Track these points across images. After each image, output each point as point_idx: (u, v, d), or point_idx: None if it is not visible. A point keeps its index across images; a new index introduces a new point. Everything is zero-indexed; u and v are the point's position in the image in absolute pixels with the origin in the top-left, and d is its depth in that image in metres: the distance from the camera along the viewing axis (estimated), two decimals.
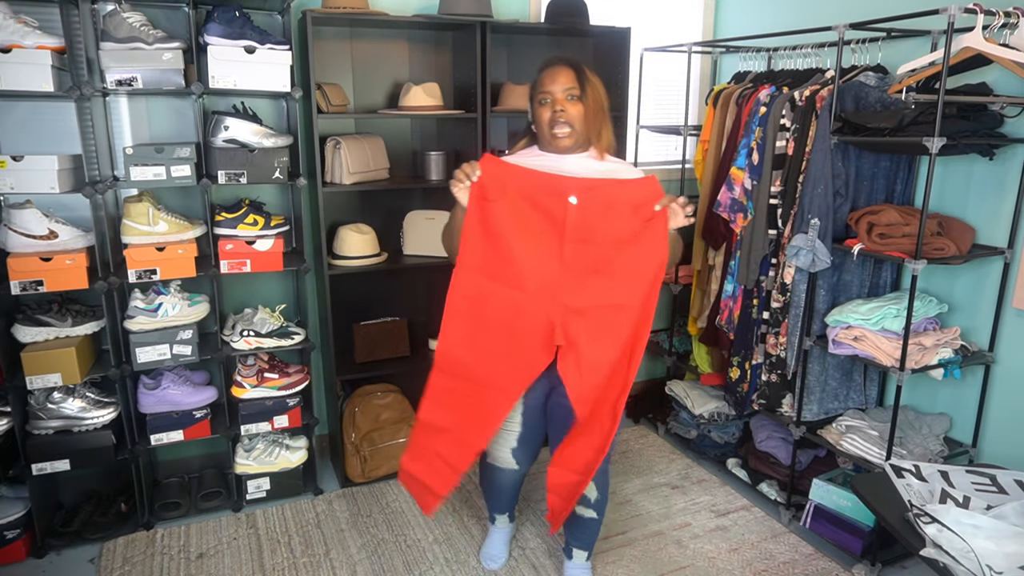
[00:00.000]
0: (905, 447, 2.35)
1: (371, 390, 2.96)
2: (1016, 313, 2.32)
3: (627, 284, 1.80)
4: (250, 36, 2.39)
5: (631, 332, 1.82)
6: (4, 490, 2.48)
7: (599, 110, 1.92)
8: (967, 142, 2.12)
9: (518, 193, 1.80)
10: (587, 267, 1.80)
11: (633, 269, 1.79)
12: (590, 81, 1.90)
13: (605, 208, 1.77)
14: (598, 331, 1.82)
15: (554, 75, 1.87)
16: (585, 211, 1.77)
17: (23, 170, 2.20)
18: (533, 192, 1.80)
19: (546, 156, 1.95)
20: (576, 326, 1.82)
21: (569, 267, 1.80)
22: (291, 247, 2.79)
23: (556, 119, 1.87)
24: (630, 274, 1.79)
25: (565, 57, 1.92)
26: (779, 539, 2.56)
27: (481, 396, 1.91)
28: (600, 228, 1.78)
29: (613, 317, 1.81)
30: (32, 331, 2.35)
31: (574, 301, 1.81)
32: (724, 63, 3.42)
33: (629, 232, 1.77)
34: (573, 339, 1.82)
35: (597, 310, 1.81)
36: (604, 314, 1.81)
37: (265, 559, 2.44)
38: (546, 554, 2.47)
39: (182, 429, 2.58)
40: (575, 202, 1.77)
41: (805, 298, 2.46)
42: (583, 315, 1.81)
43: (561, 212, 1.78)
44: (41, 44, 2.16)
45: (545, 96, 1.88)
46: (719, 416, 3.08)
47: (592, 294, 1.80)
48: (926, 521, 1.71)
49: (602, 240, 1.78)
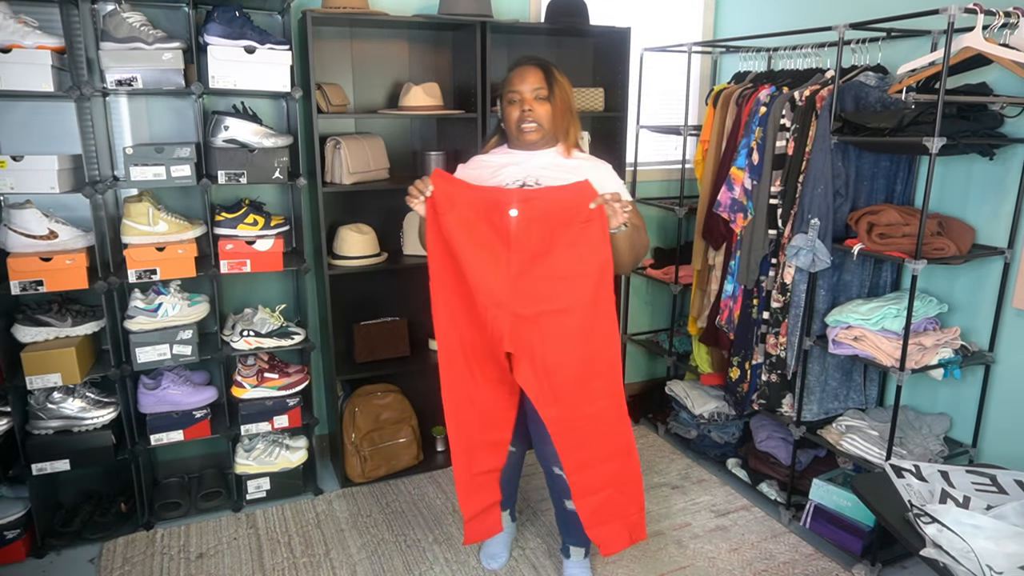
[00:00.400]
0: (905, 447, 2.35)
1: (371, 390, 2.96)
2: (1016, 313, 2.32)
3: (571, 287, 1.84)
4: (250, 36, 2.39)
5: (583, 333, 1.86)
6: (4, 490, 2.48)
7: (566, 109, 1.98)
8: (967, 142, 2.12)
9: (466, 206, 1.85)
10: (533, 274, 1.85)
11: (575, 272, 1.83)
12: (558, 81, 1.96)
13: (543, 217, 1.82)
14: (549, 335, 1.86)
15: (523, 75, 1.94)
16: (525, 221, 1.82)
17: (23, 170, 2.20)
18: (478, 206, 1.85)
19: (516, 153, 2.02)
20: (527, 332, 1.86)
21: (516, 275, 1.85)
22: (291, 247, 2.80)
23: (524, 117, 1.93)
24: (573, 277, 1.83)
25: (534, 57, 1.99)
26: (779, 539, 2.56)
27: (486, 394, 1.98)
28: (541, 236, 1.83)
29: (561, 320, 1.85)
30: (32, 331, 2.35)
31: (523, 308, 1.85)
32: (724, 63, 3.42)
33: (568, 237, 1.82)
34: (525, 345, 1.87)
35: (546, 315, 1.85)
36: (552, 318, 1.86)
37: (265, 559, 2.44)
38: (546, 554, 2.47)
39: (182, 429, 2.58)
40: (515, 214, 1.82)
41: (805, 298, 2.46)
42: (533, 321, 1.86)
43: (504, 224, 1.83)
44: (41, 44, 2.16)
45: (514, 95, 1.95)
46: (719, 416, 3.08)
47: (539, 300, 1.85)
48: (926, 521, 1.71)
49: (544, 247, 1.83)
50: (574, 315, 1.85)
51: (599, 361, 1.89)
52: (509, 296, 1.84)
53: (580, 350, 1.87)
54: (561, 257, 1.82)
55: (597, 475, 1.96)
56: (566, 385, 1.89)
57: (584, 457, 1.96)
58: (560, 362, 1.87)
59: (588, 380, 1.89)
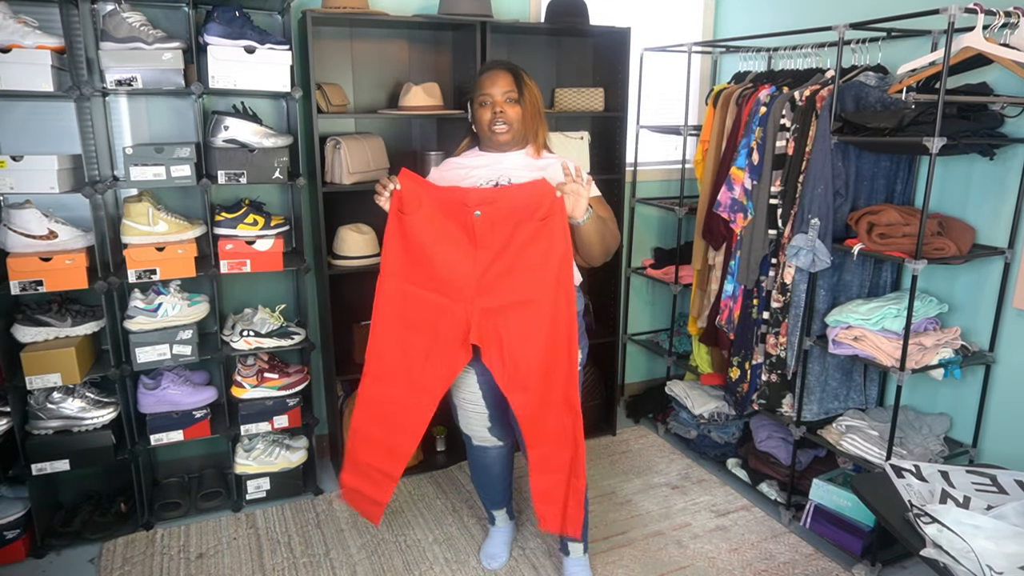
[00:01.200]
0: (905, 447, 2.35)
1: None
2: (1016, 313, 2.32)
3: (533, 280, 1.91)
4: (250, 36, 2.39)
5: (547, 323, 1.93)
6: (4, 490, 2.48)
7: (536, 112, 2.05)
8: (967, 142, 2.12)
9: (433, 206, 1.93)
10: (497, 270, 1.92)
11: (537, 264, 1.90)
12: (527, 85, 2.03)
13: (506, 216, 1.89)
14: (514, 326, 1.93)
15: (494, 79, 2.00)
16: (489, 222, 1.90)
17: (23, 170, 2.20)
18: (445, 206, 1.93)
19: (487, 155, 2.08)
20: (494, 323, 1.94)
21: (483, 271, 1.92)
22: (291, 247, 2.79)
23: (496, 119, 1.99)
24: (535, 271, 1.91)
25: (504, 62, 2.06)
26: (779, 539, 2.56)
27: (407, 400, 2.03)
28: (504, 235, 1.90)
29: (525, 312, 1.93)
30: (32, 331, 2.35)
31: (489, 302, 1.93)
32: (724, 63, 3.42)
33: (529, 233, 1.89)
34: (493, 335, 1.94)
35: (510, 307, 1.93)
36: (517, 310, 1.93)
37: (265, 559, 2.44)
38: (546, 554, 2.47)
39: (182, 429, 2.58)
40: (479, 215, 1.89)
41: (805, 298, 2.46)
42: (499, 313, 1.93)
43: (470, 224, 1.90)
44: (41, 44, 2.16)
45: (485, 98, 2.01)
46: (719, 416, 3.08)
47: (504, 293, 1.92)
48: (926, 521, 1.71)
49: (507, 245, 1.90)
50: (537, 306, 1.92)
51: (560, 351, 1.95)
52: (476, 290, 1.92)
53: (544, 339, 1.94)
54: (524, 252, 1.90)
55: (554, 458, 2.03)
56: (531, 373, 1.95)
57: (545, 438, 2.02)
58: (525, 351, 1.94)
59: (551, 369, 1.96)
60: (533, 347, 1.93)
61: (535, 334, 1.93)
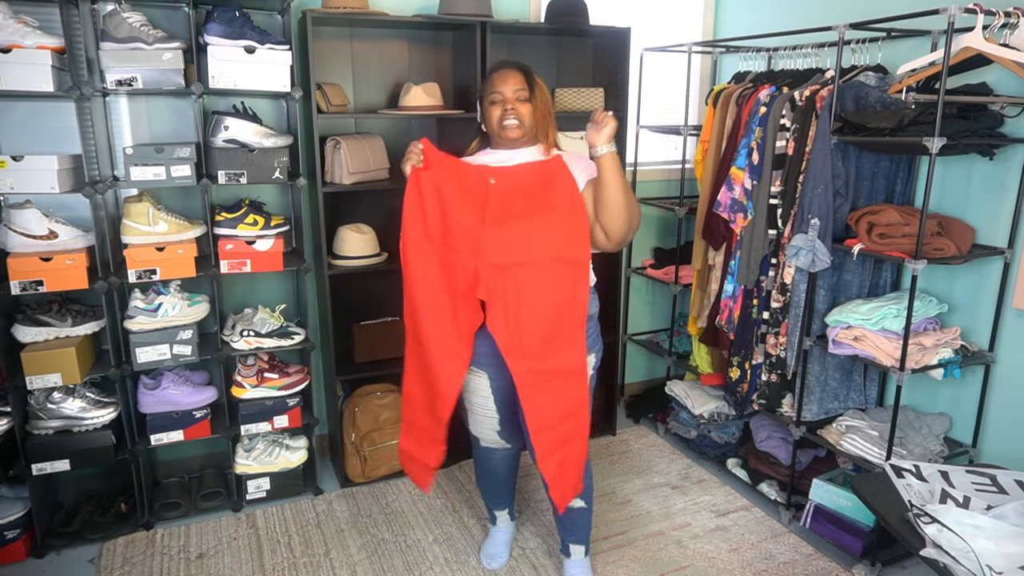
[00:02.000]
0: (905, 447, 2.35)
1: (371, 390, 2.96)
2: (1016, 313, 2.32)
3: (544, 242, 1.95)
4: (250, 36, 2.39)
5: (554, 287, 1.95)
6: (4, 490, 2.48)
7: (546, 112, 2.06)
8: (967, 142, 2.12)
9: (448, 171, 2.00)
10: (509, 229, 1.95)
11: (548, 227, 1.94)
12: (538, 84, 2.05)
13: (521, 184, 1.97)
14: (522, 285, 1.95)
15: (504, 77, 2.02)
16: (503, 190, 1.96)
17: (23, 170, 2.20)
18: (461, 173, 2.00)
19: (498, 153, 2.09)
20: (502, 281, 1.95)
21: (494, 229, 1.95)
22: (291, 247, 2.80)
23: (506, 115, 2.01)
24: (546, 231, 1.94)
25: (514, 62, 2.08)
26: (779, 539, 2.56)
27: (436, 360, 2.04)
28: (516, 203, 1.95)
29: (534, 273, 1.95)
30: (32, 331, 2.35)
31: (499, 258, 1.95)
32: (724, 63, 3.42)
33: (542, 203, 1.95)
34: (499, 293, 1.96)
35: (520, 267, 1.95)
36: (526, 270, 1.95)
37: (265, 559, 2.44)
38: (546, 554, 2.47)
39: (182, 429, 2.58)
40: (493, 182, 1.96)
41: (805, 298, 2.46)
42: (508, 271, 1.95)
43: (483, 192, 1.96)
44: (41, 44, 2.16)
45: (496, 96, 2.02)
46: (719, 416, 3.08)
47: (515, 251, 1.95)
48: (926, 521, 1.71)
49: (519, 210, 1.95)
50: (546, 269, 1.94)
51: (566, 317, 1.96)
52: (487, 246, 1.94)
53: (550, 302, 1.95)
54: (535, 216, 1.94)
55: (555, 436, 2.03)
56: (534, 335, 1.96)
57: (546, 416, 2.02)
58: (531, 312, 1.95)
59: (555, 334, 1.97)
60: (538, 310, 1.95)
61: (541, 297, 1.95)
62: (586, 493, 2.20)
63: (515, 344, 1.97)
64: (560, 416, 2.01)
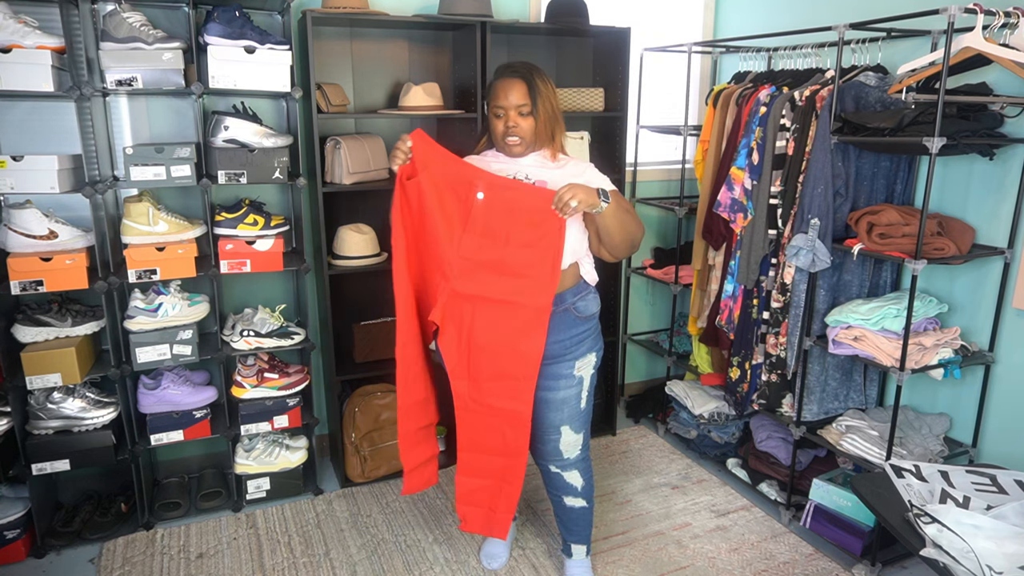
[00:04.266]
0: (905, 447, 2.35)
1: (371, 390, 2.96)
2: (1016, 313, 2.32)
3: (516, 286, 1.90)
4: (250, 36, 2.39)
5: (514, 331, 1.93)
6: (4, 490, 2.48)
7: (549, 117, 2.02)
8: (967, 142, 2.12)
9: (439, 172, 1.91)
10: (480, 259, 1.91)
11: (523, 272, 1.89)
12: (541, 93, 1.98)
13: (508, 210, 1.89)
14: (479, 319, 1.94)
15: (507, 89, 1.97)
16: (489, 208, 1.89)
17: (23, 170, 2.20)
18: (449, 177, 1.91)
19: (502, 157, 2.08)
20: (459, 308, 1.94)
21: (463, 256, 1.91)
22: (291, 247, 2.80)
23: (509, 132, 1.98)
24: (520, 277, 1.90)
25: (518, 69, 2.00)
26: (779, 539, 2.56)
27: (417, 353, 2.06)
28: (497, 227, 1.89)
29: (497, 311, 1.93)
30: (32, 331, 2.35)
31: (462, 287, 1.92)
32: (724, 63, 3.42)
33: (524, 237, 1.88)
34: (456, 318, 1.95)
35: (483, 301, 1.93)
36: (488, 306, 1.93)
37: (265, 559, 2.44)
38: (546, 554, 2.47)
39: (182, 429, 2.58)
40: (481, 197, 1.89)
41: (805, 298, 2.46)
42: (469, 301, 1.93)
43: (468, 203, 1.89)
44: (41, 44, 2.16)
45: (499, 110, 1.99)
46: (719, 416, 3.08)
47: (480, 285, 1.92)
48: (926, 521, 1.71)
49: (497, 237, 1.90)
50: (511, 312, 1.92)
51: (520, 364, 1.94)
52: (454, 271, 1.92)
53: (505, 345, 1.94)
54: (514, 254, 1.89)
55: (485, 464, 2.06)
56: (480, 369, 1.96)
57: (477, 443, 2.04)
58: (483, 347, 1.95)
59: (502, 377, 1.96)
60: (491, 347, 1.94)
61: (498, 337, 1.93)
62: (586, 492, 2.20)
63: (460, 367, 1.97)
64: (492, 449, 2.04)
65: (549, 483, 2.22)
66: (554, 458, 2.13)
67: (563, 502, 2.21)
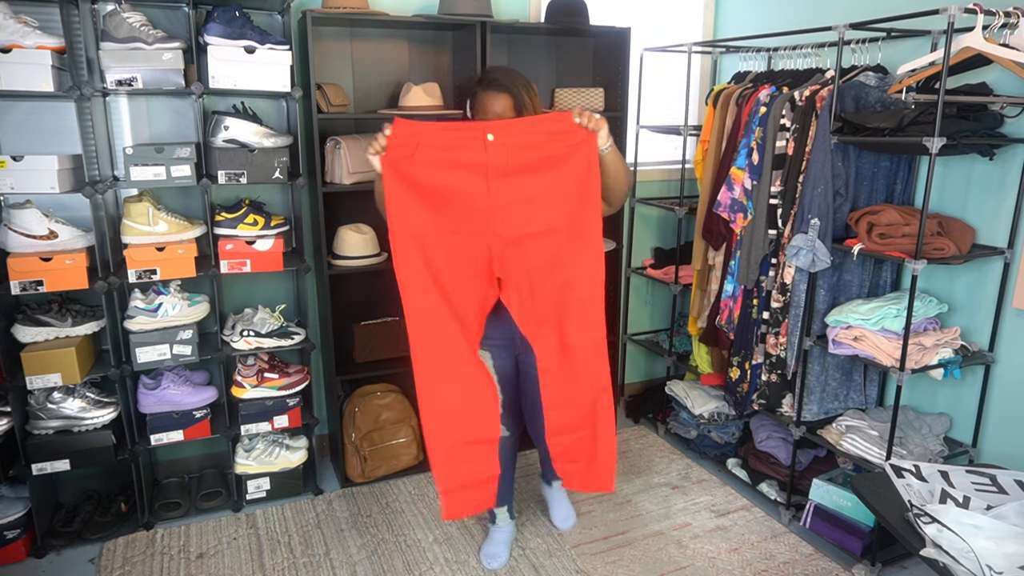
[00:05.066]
0: (905, 447, 2.35)
1: (371, 390, 2.96)
2: (1016, 313, 2.32)
3: (552, 210, 1.88)
4: (250, 36, 2.39)
5: (565, 257, 1.90)
6: (4, 490, 2.48)
7: None
8: (967, 142, 2.12)
9: (432, 147, 1.85)
10: (514, 198, 1.87)
11: (556, 194, 1.87)
12: (527, 106, 2.03)
13: (522, 141, 1.85)
14: (532, 257, 1.90)
15: (493, 103, 2.02)
16: (503, 145, 1.84)
17: (23, 170, 2.20)
18: (449, 140, 1.86)
19: None
20: (512, 256, 1.90)
21: (497, 200, 1.87)
22: (291, 247, 2.80)
23: None
24: (553, 199, 1.88)
25: (503, 83, 2.02)
26: (779, 539, 2.56)
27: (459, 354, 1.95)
28: (519, 160, 1.85)
29: (543, 243, 1.90)
30: (32, 331, 2.35)
31: (507, 232, 1.89)
32: (724, 63, 3.42)
33: (548, 159, 1.86)
34: (512, 269, 1.92)
35: (529, 238, 1.90)
36: (535, 241, 1.90)
37: (265, 559, 2.44)
38: (546, 554, 2.47)
39: (182, 429, 2.58)
40: (492, 138, 1.84)
41: (805, 298, 2.46)
42: (518, 244, 1.90)
43: (481, 151, 1.84)
44: (41, 44, 2.16)
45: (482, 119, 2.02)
46: (719, 416, 3.08)
47: (522, 223, 1.89)
48: (926, 521, 1.71)
49: (523, 170, 1.86)
50: (555, 238, 1.89)
51: (581, 289, 1.92)
52: (493, 221, 1.88)
53: (562, 274, 1.91)
54: (541, 180, 1.86)
55: (574, 415, 2.01)
56: (548, 309, 1.93)
57: (563, 394, 1.99)
58: (543, 285, 1.91)
59: (568, 308, 1.93)
60: (549, 282, 1.90)
61: (552, 268, 1.89)
62: None
63: (529, 318, 1.93)
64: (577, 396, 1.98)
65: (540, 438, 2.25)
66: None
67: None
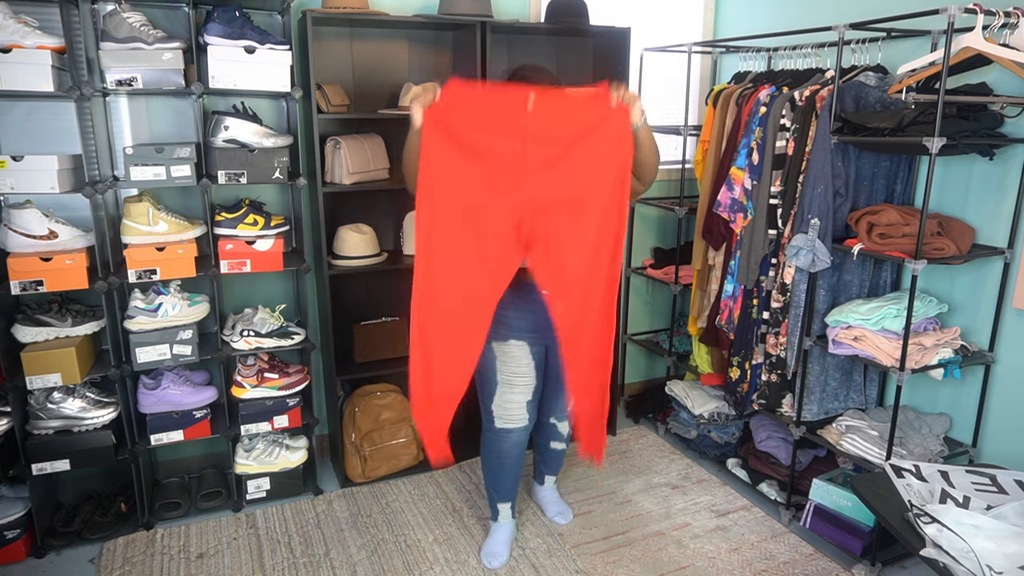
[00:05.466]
0: (905, 447, 2.35)
1: (371, 390, 2.96)
2: (1016, 313, 2.32)
3: (588, 179, 1.91)
4: (250, 36, 2.39)
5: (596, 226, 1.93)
6: (4, 490, 2.48)
7: None
8: (967, 142, 2.12)
9: (477, 106, 1.90)
10: (549, 164, 1.90)
11: (593, 164, 1.90)
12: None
13: (561, 109, 1.89)
14: (563, 225, 1.93)
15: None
16: (543, 113, 1.87)
17: (23, 170, 2.20)
18: (492, 104, 1.90)
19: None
20: (543, 222, 1.92)
21: (532, 164, 1.89)
22: (291, 247, 2.80)
23: None
24: (591, 169, 1.90)
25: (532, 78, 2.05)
26: (779, 539, 2.56)
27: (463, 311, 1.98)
28: (558, 127, 1.88)
29: (575, 212, 1.92)
30: (32, 331, 2.35)
31: (540, 198, 1.91)
32: (724, 63, 3.42)
33: (587, 129, 1.88)
34: (541, 234, 1.93)
35: (561, 206, 1.92)
36: (567, 209, 1.92)
37: (265, 559, 2.44)
38: (546, 554, 2.47)
39: (182, 429, 2.58)
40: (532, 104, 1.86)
41: (805, 298, 2.46)
42: (548, 211, 1.92)
43: (521, 115, 1.87)
44: (41, 44, 2.16)
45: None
46: (719, 416, 3.08)
47: (556, 190, 1.91)
48: (926, 521, 1.71)
49: (561, 138, 1.89)
50: (588, 207, 1.92)
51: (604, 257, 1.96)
52: (525, 185, 1.89)
53: (591, 243, 1.94)
54: (579, 149, 1.89)
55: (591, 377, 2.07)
56: (575, 276, 1.96)
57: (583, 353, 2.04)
58: (572, 252, 1.94)
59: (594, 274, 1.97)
60: (580, 249, 1.94)
61: (583, 236, 1.93)
62: (568, 438, 2.50)
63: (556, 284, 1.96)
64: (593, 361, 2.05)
65: (540, 431, 2.51)
66: (557, 412, 2.45)
67: (549, 446, 2.56)
